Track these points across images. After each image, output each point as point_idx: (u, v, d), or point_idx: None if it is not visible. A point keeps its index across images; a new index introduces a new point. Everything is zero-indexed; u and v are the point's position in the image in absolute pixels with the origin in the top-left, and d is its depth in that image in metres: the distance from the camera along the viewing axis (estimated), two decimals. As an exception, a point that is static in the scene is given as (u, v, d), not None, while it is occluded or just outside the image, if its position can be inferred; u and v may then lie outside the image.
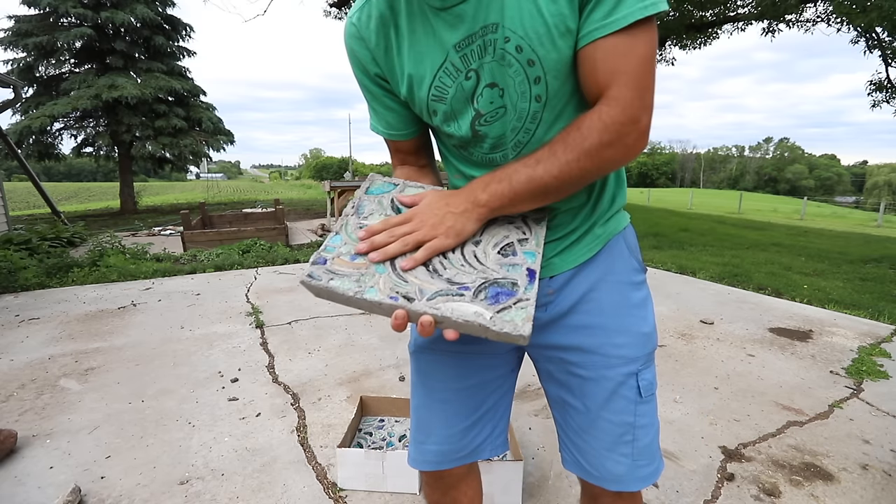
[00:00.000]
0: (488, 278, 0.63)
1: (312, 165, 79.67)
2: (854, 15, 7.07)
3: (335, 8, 12.11)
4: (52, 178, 54.12)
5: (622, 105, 0.59)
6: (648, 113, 0.60)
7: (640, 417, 0.75)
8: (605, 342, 0.73)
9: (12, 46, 11.89)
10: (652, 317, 0.77)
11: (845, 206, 33.84)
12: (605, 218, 0.75)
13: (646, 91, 0.59)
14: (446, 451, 0.85)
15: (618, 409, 0.74)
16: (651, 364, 0.77)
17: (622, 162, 0.63)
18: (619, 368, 0.73)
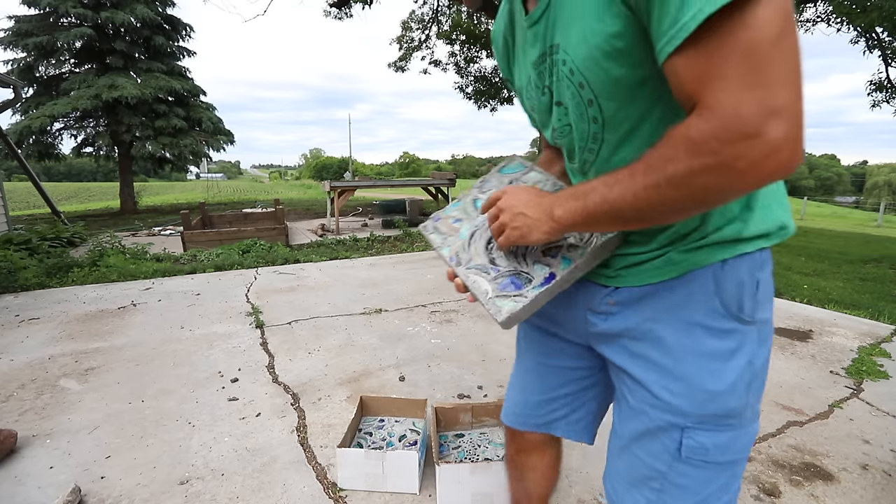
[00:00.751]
0: (515, 270, 0.72)
1: (312, 165, 79.62)
2: (854, 15, 7.06)
3: (335, 8, 12.11)
4: (52, 178, 54.13)
5: (720, 114, 0.43)
6: (781, 117, 0.42)
7: (677, 475, 0.65)
8: (657, 382, 0.64)
9: (12, 46, 11.88)
10: (735, 378, 0.61)
11: (845, 206, 33.84)
12: (691, 244, 0.61)
13: (766, 86, 0.42)
14: (518, 413, 0.91)
15: (652, 450, 0.67)
16: (713, 430, 0.62)
17: (736, 191, 0.47)
18: (664, 415, 0.64)
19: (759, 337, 0.62)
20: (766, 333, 0.63)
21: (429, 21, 13.39)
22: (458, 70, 13.88)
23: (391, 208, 10.63)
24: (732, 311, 0.60)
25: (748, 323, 0.61)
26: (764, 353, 0.63)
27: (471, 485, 1.42)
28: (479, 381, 2.29)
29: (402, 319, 3.22)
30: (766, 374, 0.65)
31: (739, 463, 0.66)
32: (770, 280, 0.62)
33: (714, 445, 0.63)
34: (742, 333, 0.61)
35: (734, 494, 0.67)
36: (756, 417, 0.65)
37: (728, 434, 0.63)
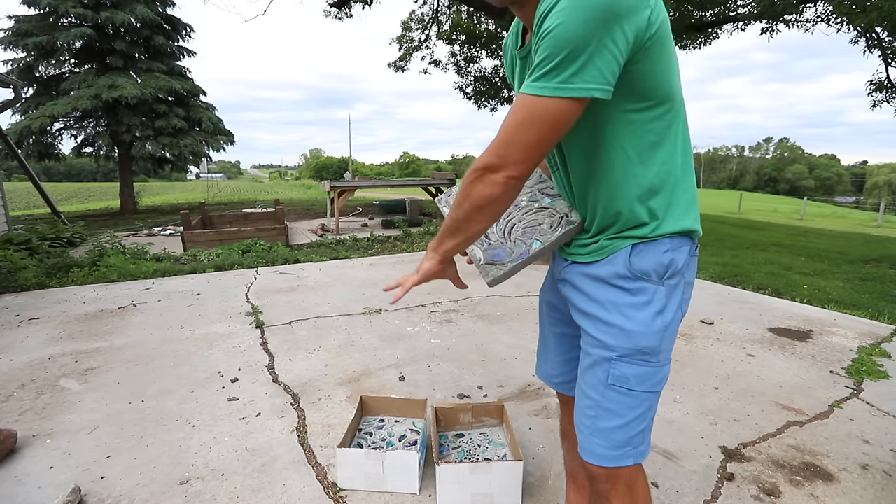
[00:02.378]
0: (501, 244, 0.97)
1: (312, 165, 79.61)
2: (854, 15, 7.06)
3: (335, 8, 12.11)
4: (52, 178, 54.09)
5: (487, 151, 0.76)
6: (507, 165, 0.74)
7: (607, 401, 0.87)
8: (594, 326, 0.88)
9: (12, 46, 11.88)
10: (646, 321, 0.83)
11: (845, 206, 33.81)
12: (613, 234, 0.86)
13: (508, 146, 0.73)
14: (545, 372, 1.18)
15: (590, 382, 0.89)
16: (634, 363, 0.85)
17: (491, 202, 0.79)
18: (598, 350, 0.87)
19: (667, 294, 0.85)
20: (674, 294, 0.86)
21: (429, 21, 13.39)
22: (458, 70, 13.88)
23: (391, 208, 10.62)
24: (639, 275, 0.84)
25: (656, 283, 0.84)
26: (671, 307, 0.86)
27: (471, 485, 1.42)
28: (479, 381, 2.29)
29: (402, 319, 3.22)
30: (676, 327, 0.87)
31: (654, 396, 0.88)
32: (684, 259, 0.86)
33: (633, 376, 0.85)
34: (650, 291, 0.84)
35: (650, 422, 0.90)
36: (667, 361, 0.88)
37: (644, 368, 0.85)
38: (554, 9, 0.67)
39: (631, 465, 0.89)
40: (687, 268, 0.88)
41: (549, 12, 0.68)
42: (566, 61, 0.67)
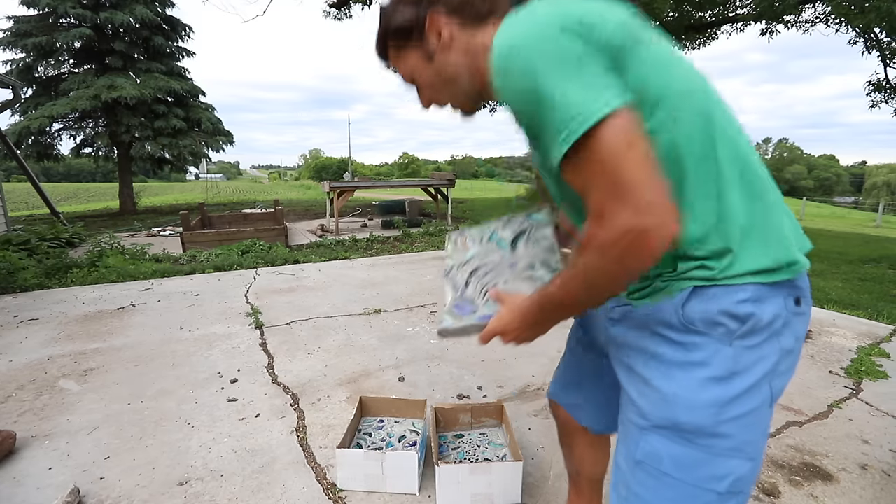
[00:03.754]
0: (472, 299, 0.89)
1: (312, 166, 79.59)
2: (853, 16, 7.07)
3: (334, 8, 12.10)
4: (51, 179, 54.02)
5: (595, 219, 0.56)
6: (641, 212, 0.52)
7: (636, 483, 0.70)
8: (632, 385, 0.72)
9: (11, 47, 11.87)
10: (693, 387, 0.63)
11: (844, 207, 33.85)
12: (669, 278, 0.67)
13: (624, 191, 0.53)
14: (553, 391, 1.12)
15: (623, 452, 0.73)
16: (669, 438, 0.65)
17: (638, 268, 0.56)
18: (632, 415, 0.71)
19: (737, 357, 0.62)
20: (753, 359, 0.63)
21: (428, 21, 13.37)
22: (458, 70, 13.85)
23: (391, 209, 10.62)
24: (692, 327, 0.64)
25: (719, 340, 0.62)
26: (745, 377, 0.62)
27: (470, 485, 1.42)
28: (478, 382, 2.29)
29: (402, 320, 3.22)
30: (752, 407, 0.63)
31: (710, 497, 0.64)
32: (776, 313, 0.63)
33: (668, 455, 0.65)
34: (707, 349, 0.63)
35: None
36: (737, 455, 0.64)
37: (688, 450, 0.64)
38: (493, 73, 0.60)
39: None
40: (785, 327, 0.63)
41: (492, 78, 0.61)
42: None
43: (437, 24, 0.72)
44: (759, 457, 0.67)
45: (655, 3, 7.89)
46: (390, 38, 0.78)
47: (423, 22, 0.73)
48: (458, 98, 0.78)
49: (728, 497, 0.65)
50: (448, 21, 0.72)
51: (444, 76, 0.75)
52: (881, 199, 27.47)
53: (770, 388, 0.64)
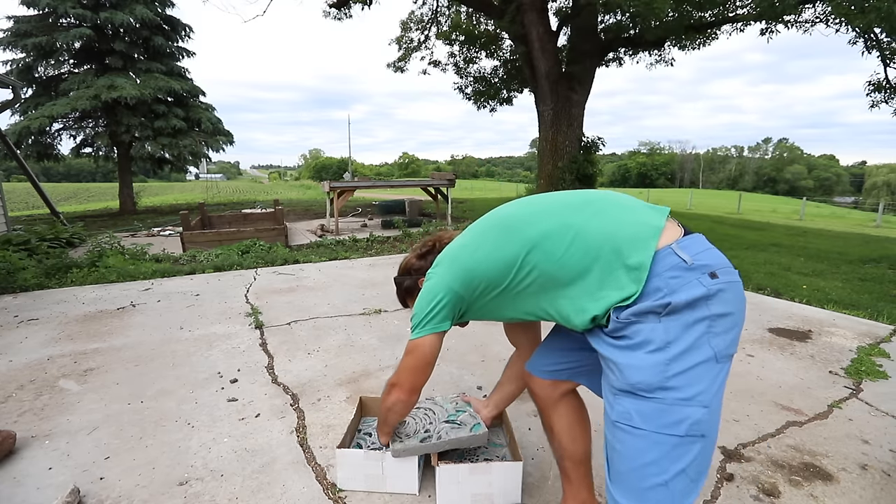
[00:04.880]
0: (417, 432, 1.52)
1: (312, 166, 79.59)
2: (853, 16, 7.07)
3: (334, 8, 12.10)
4: (51, 179, 53.99)
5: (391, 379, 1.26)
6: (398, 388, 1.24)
7: (616, 441, 0.88)
8: (606, 366, 0.95)
9: (11, 47, 11.87)
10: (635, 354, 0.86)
11: (844, 207, 33.84)
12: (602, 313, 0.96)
13: (398, 373, 1.23)
14: (540, 362, 1.31)
15: (606, 423, 0.92)
16: (633, 397, 0.85)
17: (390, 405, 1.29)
18: (606, 391, 0.94)
19: (666, 330, 0.83)
20: (677, 330, 0.83)
21: (428, 22, 13.39)
22: (458, 71, 13.88)
23: (391, 208, 10.63)
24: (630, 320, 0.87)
25: (650, 322, 0.85)
26: (680, 345, 0.82)
27: (470, 485, 1.42)
28: (478, 382, 2.29)
29: (402, 320, 3.22)
30: (694, 363, 0.82)
31: (672, 441, 0.80)
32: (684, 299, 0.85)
33: (635, 411, 0.83)
34: (643, 332, 0.85)
35: (676, 479, 0.80)
36: (690, 403, 0.80)
37: (646, 403, 0.82)
38: None
39: None
40: (710, 298, 0.85)
41: None
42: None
43: (422, 283, 1.22)
44: (714, 405, 0.82)
45: (655, 3, 7.89)
46: (406, 296, 1.43)
47: (416, 284, 1.33)
48: None
49: (690, 441, 0.80)
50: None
51: None
52: (881, 199, 27.47)
53: (711, 347, 0.83)
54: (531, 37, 10.10)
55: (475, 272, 1.07)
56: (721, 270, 0.88)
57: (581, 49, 10.77)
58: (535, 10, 9.98)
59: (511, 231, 1.04)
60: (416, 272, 1.35)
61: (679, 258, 0.88)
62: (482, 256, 1.06)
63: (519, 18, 10.05)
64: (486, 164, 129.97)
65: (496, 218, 1.12)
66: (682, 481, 0.80)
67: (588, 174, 11.22)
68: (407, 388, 1.21)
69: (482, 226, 1.14)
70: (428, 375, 1.19)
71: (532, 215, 1.04)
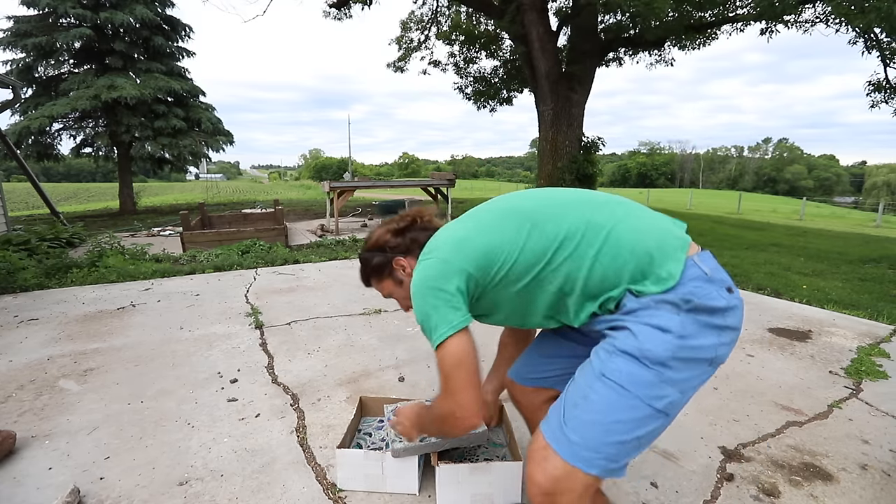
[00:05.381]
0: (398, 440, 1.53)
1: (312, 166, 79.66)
2: (853, 16, 7.07)
3: (334, 8, 12.10)
4: (51, 179, 54.03)
5: (441, 404, 1.04)
6: (459, 409, 0.98)
7: (593, 392, 0.89)
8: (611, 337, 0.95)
9: (11, 47, 11.87)
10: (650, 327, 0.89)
11: (844, 207, 33.86)
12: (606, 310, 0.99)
13: (450, 393, 0.99)
14: (523, 370, 1.34)
15: (585, 373, 0.94)
16: (632, 360, 0.87)
17: (457, 433, 1.07)
18: (602, 349, 0.93)
19: (683, 325, 0.88)
20: (693, 329, 0.88)
21: (428, 22, 13.39)
22: (458, 71, 13.88)
23: (390, 209, 10.62)
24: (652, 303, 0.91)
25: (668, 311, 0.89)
26: (694, 341, 0.88)
27: (470, 485, 1.42)
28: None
29: (402, 320, 3.22)
30: (695, 357, 0.88)
31: (645, 412, 0.85)
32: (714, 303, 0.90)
33: (627, 372, 0.86)
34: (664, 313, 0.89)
35: (631, 445, 0.86)
36: (675, 385, 0.86)
37: (644, 371, 0.85)
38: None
39: (587, 473, 0.84)
40: (718, 313, 0.90)
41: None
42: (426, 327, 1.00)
43: (399, 263, 1.18)
44: (688, 396, 0.90)
45: (655, 3, 7.89)
46: (372, 275, 1.24)
47: (390, 263, 1.19)
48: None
49: (660, 415, 0.86)
50: (405, 262, 1.17)
51: (408, 289, 1.09)
52: (881, 199, 27.47)
53: (714, 351, 0.90)
54: (531, 37, 10.10)
55: (494, 255, 0.98)
56: (734, 288, 0.95)
57: (581, 49, 10.77)
58: (535, 10, 9.98)
59: (536, 224, 0.98)
60: (392, 250, 1.18)
61: (701, 270, 0.92)
62: (502, 241, 0.98)
63: (519, 18, 10.05)
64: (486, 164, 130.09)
65: (513, 207, 1.04)
66: (634, 445, 0.86)
67: (588, 174, 11.22)
68: (470, 412, 0.98)
69: (496, 211, 1.05)
70: (478, 382, 0.98)
71: (560, 207, 1.00)
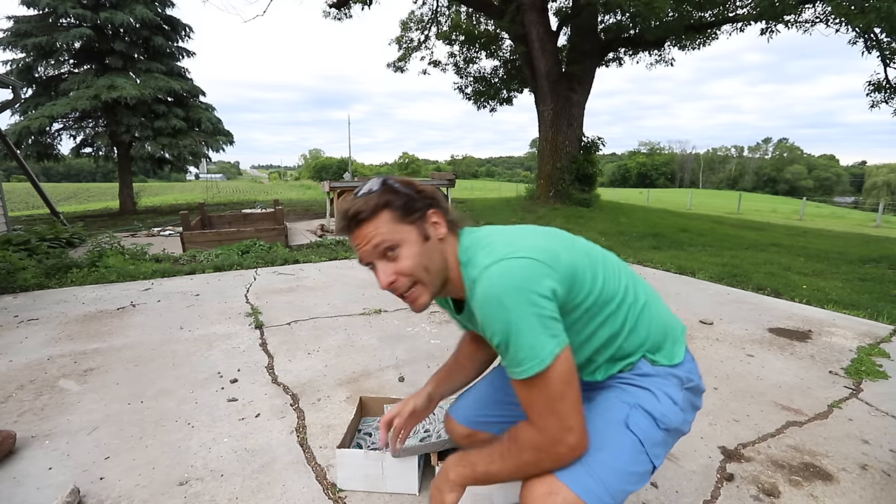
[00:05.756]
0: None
1: (312, 166, 79.69)
2: (853, 16, 7.08)
3: (334, 8, 12.10)
4: (52, 179, 54.03)
5: (541, 431, 0.80)
6: (570, 433, 0.79)
7: (608, 435, 0.87)
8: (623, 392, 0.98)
9: (11, 47, 11.87)
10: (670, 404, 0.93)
11: (844, 207, 33.88)
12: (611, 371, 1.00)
13: (559, 417, 0.78)
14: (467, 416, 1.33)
15: (601, 413, 0.93)
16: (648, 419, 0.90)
17: (558, 467, 0.82)
18: (621, 399, 0.95)
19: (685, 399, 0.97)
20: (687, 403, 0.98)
21: (428, 22, 13.39)
22: (458, 71, 13.88)
23: (390, 209, 10.60)
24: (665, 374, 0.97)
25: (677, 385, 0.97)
26: (686, 414, 0.97)
27: (470, 485, 1.42)
28: (478, 382, 2.29)
29: (402, 320, 3.22)
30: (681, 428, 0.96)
31: (648, 465, 0.87)
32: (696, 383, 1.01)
33: (646, 428, 0.89)
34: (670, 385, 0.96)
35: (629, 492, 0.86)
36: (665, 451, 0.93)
37: (659, 433, 0.89)
38: (478, 303, 0.82)
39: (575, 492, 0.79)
40: (700, 394, 1.04)
41: (477, 305, 0.82)
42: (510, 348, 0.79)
43: (436, 218, 0.92)
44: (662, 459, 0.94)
45: (655, 3, 7.89)
46: (393, 208, 0.88)
47: (425, 210, 0.91)
48: (426, 279, 0.91)
49: (653, 471, 0.89)
50: (442, 221, 0.92)
51: (430, 256, 0.90)
52: (881, 199, 27.47)
53: (688, 426, 0.99)
54: (531, 37, 10.10)
55: (579, 281, 0.86)
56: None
57: (581, 49, 10.77)
58: (535, 10, 9.97)
59: (607, 268, 0.94)
60: (427, 202, 0.92)
61: (691, 356, 1.05)
62: (584, 267, 0.88)
63: (519, 18, 10.05)
64: (486, 164, 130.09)
65: (578, 240, 0.98)
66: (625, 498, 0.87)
67: (588, 174, 11.23)
68: (586, 435, 0.81)
69: (567, 237, 0.96)
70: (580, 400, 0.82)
71: (613, 262, 0.99)
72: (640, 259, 5.57)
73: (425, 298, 0.92)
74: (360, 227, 0.88)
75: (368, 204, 0.87)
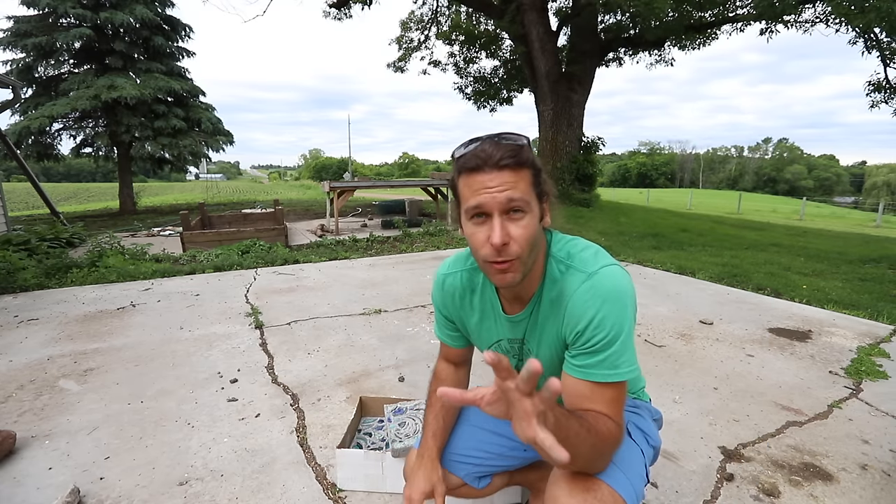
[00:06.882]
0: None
1: (312, 166, 79.73)
2: (852, 16, 7.08)
3: (334, 8, 12.11)
4: (51, 179, 54.04)
5: (620, 427, 0.83)
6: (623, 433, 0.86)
7: (634, 447, 0.98)
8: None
9: (11, 47, 11.87)
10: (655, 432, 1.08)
11: (844, 207, 33.88)
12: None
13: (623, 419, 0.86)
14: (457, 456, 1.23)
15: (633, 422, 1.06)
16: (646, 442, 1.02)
17: (608, 462, 0.85)
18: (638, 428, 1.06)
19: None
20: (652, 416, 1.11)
21: (428, 22, 13.40)
22: (458, 71, 13.88)
23: (391, 209, 10.62)
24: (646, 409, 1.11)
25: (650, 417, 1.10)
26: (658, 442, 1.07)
27: (470, 485, 1.41)
28: (478, 382, 2.29)
29: (402, 320, 3.22)
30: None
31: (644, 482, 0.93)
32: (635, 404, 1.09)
33: (642, 442, 1.00)
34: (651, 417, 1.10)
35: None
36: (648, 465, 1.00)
37: (649, 448, 1.01)
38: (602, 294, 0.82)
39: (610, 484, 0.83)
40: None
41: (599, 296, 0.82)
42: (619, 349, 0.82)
43: (548, 205, 0.88)
44: None
45: (655, 3, 7.89)
46: (534, 173, 0.82)
47: (546, 193, 0.86)
48: (527, 257, 0.83)
49: (646, 483, 0.95)
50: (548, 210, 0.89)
51: (538, 238, 0.86)
52: (881, 199, 27.48)
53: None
54: (531, 37, 10.10)
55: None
56: None
57: (581, 49, 10.78)
58: (535, 10, 9.98)
59: None
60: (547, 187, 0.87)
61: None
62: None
63: (519, 18, 10.05)
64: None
65: None
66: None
67: (588, 174, 11.24)
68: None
69: None
70: None
71: None
72: (640, 259, 5.57)
73: (516, 275, 0.83)
74: (502, 171, 0.78)
75: (523, 154, 0.79)
